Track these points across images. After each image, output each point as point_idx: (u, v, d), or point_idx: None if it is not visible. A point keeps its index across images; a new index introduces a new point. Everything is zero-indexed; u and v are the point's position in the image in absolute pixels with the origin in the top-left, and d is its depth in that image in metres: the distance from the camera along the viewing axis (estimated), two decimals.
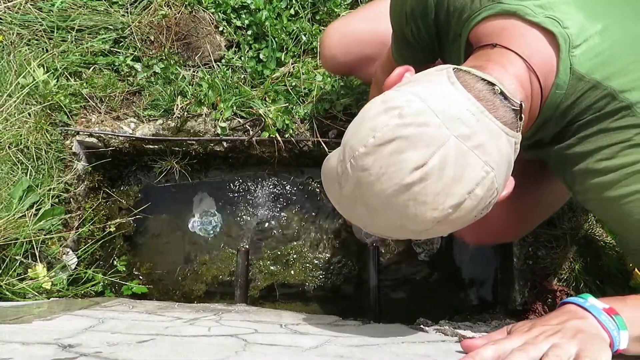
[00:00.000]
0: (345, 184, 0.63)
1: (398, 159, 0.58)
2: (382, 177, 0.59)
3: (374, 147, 0.59)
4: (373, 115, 0.61)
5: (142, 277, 1.54)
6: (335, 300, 1.52)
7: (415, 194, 0.59)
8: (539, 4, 0.66)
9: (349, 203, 0.65)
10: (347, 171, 0.62)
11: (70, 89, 1.42)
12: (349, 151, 0.62)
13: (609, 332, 0.60)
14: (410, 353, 0.65)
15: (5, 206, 1.21)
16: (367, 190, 0.61)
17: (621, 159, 0.65)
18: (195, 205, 1.59)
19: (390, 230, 0.64)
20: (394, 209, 0.60)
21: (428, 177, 0.58)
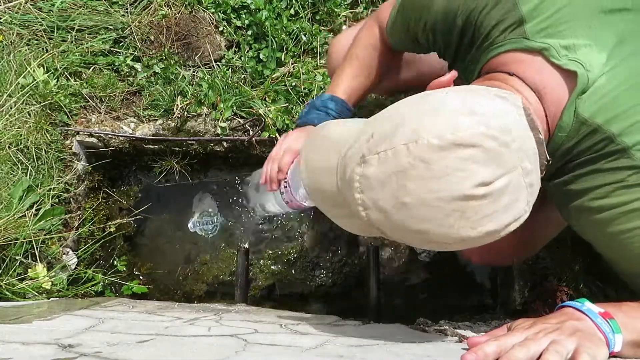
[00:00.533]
0: (381, 165, 0.58)
1: (469, 167, 0.55)
2: (444, 178, 0.55)
3: (451, 145, 0.55)
4: (453, 111, 0.57)
5: (143, 277, 1.54)
6: (335, 300, 1.52)
7: (466, 208, 0.56)
8: (564, 44, 0.65)
9: (368, 186, 0.59)
10: (394, 153, 0.57)
11: (70, 89, 1.42)
12: (408, 134, 0.56)
13: (605, 335, 0.62)
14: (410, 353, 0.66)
15: (5, 206, 1.21)
16: (414, 183, 0.56)
17: (614, 198, 0.66)
18: (195, 205, 1.59)
19: (406, 230, 0.59)
20: (432, 212, 0.57)
21: (488, 197, 0.56)
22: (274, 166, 1.02)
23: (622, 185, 0.65)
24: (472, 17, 0.71)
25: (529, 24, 0.66)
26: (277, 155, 1.01)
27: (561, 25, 0.65)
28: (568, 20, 0.65)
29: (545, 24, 0.66)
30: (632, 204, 0.65)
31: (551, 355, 0.58)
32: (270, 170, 1.02)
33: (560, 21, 0.65)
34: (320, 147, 0.70)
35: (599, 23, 0.66)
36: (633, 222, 0.66)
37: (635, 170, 0.64)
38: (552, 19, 0.66)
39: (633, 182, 0.64)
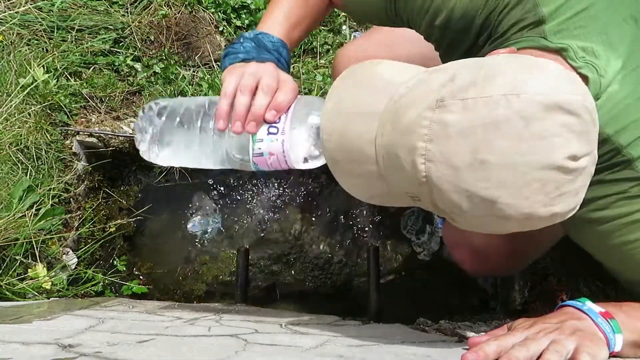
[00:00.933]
0: (467, 112, 0.51)
1: (566, 136, 0.51)
2: (538, 141, 0.50)
3: (555, 106, 0.50)
4: (556, 74, 0.53)
5: (142, 277, 1.54)
6: (335, 300, 1.52)
7: (549, 180, 0.51)
8: (582, 46, 0.63)
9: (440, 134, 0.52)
10: (489, 102, 0.51)
11: (70, 89, 1.42)
12: (507, 85, 0.51)
13: (605, 334, 0.62)
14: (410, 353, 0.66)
15: (5, 206, 1.21)
16: (504, 140, 0.50)
17: (616, 210, 0.65)
18: (195, 205, 1.59)
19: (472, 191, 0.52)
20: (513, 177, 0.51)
21: (572, 173, 0.52)
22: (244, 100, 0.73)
23: (624, 197, 0.64)
24: (492, 17, 0.69)
25: (548, 25, 0.65)
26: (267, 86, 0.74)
27: (577, 29, 0.64)
28: (585, 24, 0.64)
29: (564, 25, 0.64)
30: (634, 215, 0.65)
31: (551, 355, 0.58)
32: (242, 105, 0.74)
33: (577, 24, 0.64)
34: (365, 85, 0.62)
35: (615, 30, 0.65)
36: (635, 234, 0.66)
37: (638, 182, 0.64)
38: (570, 21, 0.64)
39: (635, 193, 0.64)
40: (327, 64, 1.49)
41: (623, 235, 0.66)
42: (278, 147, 0.73)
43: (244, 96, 0.74)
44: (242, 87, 0.74)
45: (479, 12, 0.69)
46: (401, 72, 0.61)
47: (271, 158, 0.74)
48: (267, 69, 0.76)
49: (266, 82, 0.74)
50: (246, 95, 0.74)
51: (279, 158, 0.74)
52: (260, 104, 0.73)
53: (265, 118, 0.73)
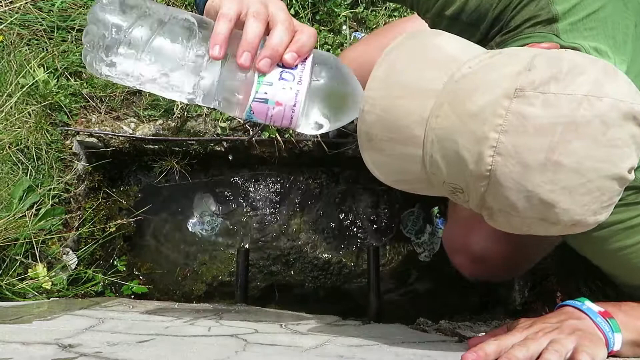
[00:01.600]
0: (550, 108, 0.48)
1: (631, 147, 0.50)
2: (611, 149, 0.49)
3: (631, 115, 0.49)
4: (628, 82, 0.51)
5: (142, 277, 1.54)
6: (335, 300, 1.52)
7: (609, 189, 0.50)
8: (594, 46, 0.63)
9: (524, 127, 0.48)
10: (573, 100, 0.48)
11: (70, 89, 1.42)
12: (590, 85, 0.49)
13: (604, 334, 0.63)
14: (410, 353, 0.66)
15: (6, 206, 1.21)
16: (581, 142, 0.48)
17: (613, 216, 0.63)
18: (195, 205, 1.59)
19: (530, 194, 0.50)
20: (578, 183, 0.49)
21: (625, 185, 0.52)
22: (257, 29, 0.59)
23: (621, 204, 0.64)
24: (506, 12, 0.68)
25: (561, 23, 0.64)
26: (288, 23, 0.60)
27: (587, 31, 0.64)
28: (595, 26, 0.64)
29: (575, 25, 0.64)
30: (630, 221, 0.65)
31: (551, 355, 0.58)
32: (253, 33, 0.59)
33: (587, 26, 0.64)
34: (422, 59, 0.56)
35: (620, 34, 0.65)
36: (632, 239, 0.66)
37: (635, 190, 0.64)
38: (582, 22, 0.64)
39: (632, 200, 0.65)
40: None
41: (620, 241, 0.67)
42: (289, 98, 0.60)
43: (258, 23, 0.59)
44: (255, 14, 0.59)
45: (493, 6, 0.68)
46: (463, 49, 0.57)
47: (276, 109, 0.61)
48: (280, 5, 0.62)
49: (285, 17, 0.60)
50: (261, 23, 0.59)
51: (286, 111, 0.61)
52: (280, 40, 0.59)
53: (284, 59, 0.60)
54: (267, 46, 0.59)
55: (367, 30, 1.55)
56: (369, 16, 1.55)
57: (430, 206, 1.55)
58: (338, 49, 1.52)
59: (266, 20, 0.60)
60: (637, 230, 0.66)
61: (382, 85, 0.56)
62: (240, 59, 0.58)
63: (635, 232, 0.66)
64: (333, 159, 1.43)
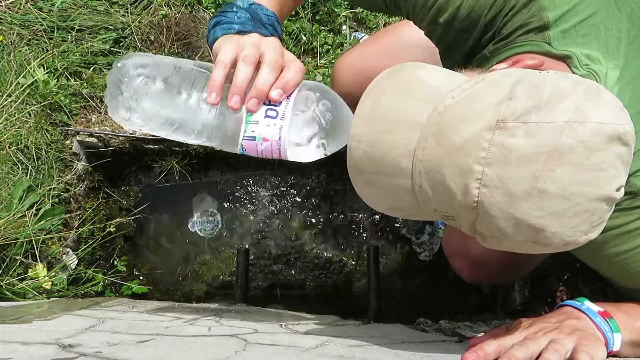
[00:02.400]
0: (532, 137, 0.48)
1: (619, 168, 0.50)
2: (596, 172, 0.49)
3: (616, 137, 0.49)
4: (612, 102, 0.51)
5: (143, 277, 1.54)
6: (335, 300, 1.52)
7: (598, 210, 0.51)
8: (586, 53, 0.63)
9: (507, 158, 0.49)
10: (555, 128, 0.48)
11: (70, 89, 1.42)
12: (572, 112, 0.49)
13: (604, 334, 0.63)
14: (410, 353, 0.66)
15: (6, 206, 1.21)
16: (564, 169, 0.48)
17: (609, 221, 0.64)
18: (195, 205, 1.59)
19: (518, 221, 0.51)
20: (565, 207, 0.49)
21: (614, 203, 0.52)
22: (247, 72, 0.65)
23: (617, 209, 0.63)
24: (498, 18, 0.68)
25: (552, 31, 0.64)
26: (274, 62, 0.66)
27: (580, 37, 0.64)
28: (588, 33, 0.64)
29: (567, 33, 0.64)
30: (625, 226, 0.65)
31: (550, 354, 0.58)
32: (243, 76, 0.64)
33: (580, 32, 0.64)
34: (405, 92, 0.56)
35: (612, 39, 0.65)
36: (627, 244, 0.66)
37: (630, 196, 0.64)
38: (574, 29, 0.64)
39: (627, 205, 0.64)
40: (327, 64, 1.49)
41: (616, 246, 0.66)
42: (274, 134, 0.65)
43: (247, 67, 0.64)
44: (245, 58, 0.64)
45: (485, 13, 0.68)
46: (446, 79, 0.57)
47: (263, 144, 0.66)
48: (272, 43, 0.68)
49: (272, 56, 0.66)
50: (249, 66, 0.65)
51: (273, 146, 0.66)
52: (265, 80, 0.64)
53: (269, 96, 0.65)
54: (253, 87, 0.64)
55: (367, 30, 1.55)
56: (369, 16, 1.55)
57: None
58: (338, 49, 1.52)
59: (256, 62, 0.65)
60: (633, 235, 0.65)
61: (367, 121, 0.57)
62: (230, 102, 0.64)
63: (631, 237, 0.66)
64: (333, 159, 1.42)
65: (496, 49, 0.69)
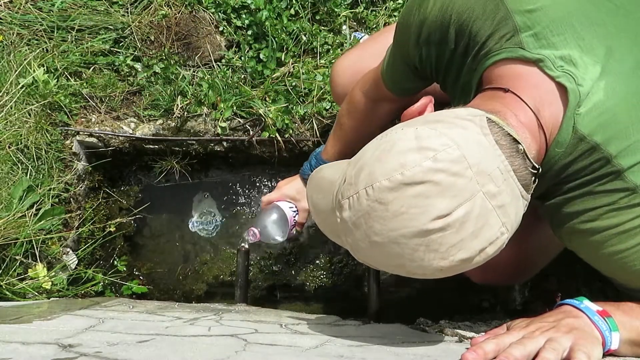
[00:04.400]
0: (350, 209, 0.61)
1: (423, 203, 0.56)
2: (400, 217, 0.57)
3: (400, 185, 0.56)
4: (403, 149, 0.58)
5: (143, 277, 1.54)
6: (335, 300, 1.52)
7: (429, 241, 0.57)
8: (559, 55, 0.64)
9: (347, 228, 0.62)
10: (358, 197, 0.59)
11: (70, 89, 1.42)
12: (366, 178, 0.59)
13: (602, 332, 0.63)
14: (410, 353, 0.66)
15: (6, 206, 1.21)
16: (378, 223, 0.58)
17: (605, 221, 0.65)
18: (195, 205, 1.59)
19: (386, 265, 0.62)
20: (400, 248, 0.58)
21: (448, 228, 0.56)
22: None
23: (613, 208, 0.64)
24: (465, 27, 0.69)
25: (523, 34, 0.65)
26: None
27: (555, 37, 0.64)
28: (562, 32, 0.64)
29: (540, 34, 0.64)
30: (623, 225, 0.65)
31: (548, 353, 0.59)
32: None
33: (554, 32, 0.64)
34: (318, 190, 0.71)
35: (590, 35, 0.65)
36: (625, 243, 0.66)
37: (627, 192, 0.63)
38: (546, 29, 0.64)
39: (624, 204, 0.64)
40: (327, 64, 1.49)
41: (613, 245, 0.66)
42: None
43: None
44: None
45: (451, 22, 0.71)
46: (334, 173, 0.69)
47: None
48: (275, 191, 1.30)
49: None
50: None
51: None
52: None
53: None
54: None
55: (367, 30, 1.55)
56: (369, 16, 1.55)
57: None
58: (338, 49, 1.52)
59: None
60: (631, 234, 0.65)
61: (313, 211, 0.75)
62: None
63: (629, 236, 0.65)
64: None
65: (478, 60, 0.70)
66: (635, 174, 0.63)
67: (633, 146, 0.63)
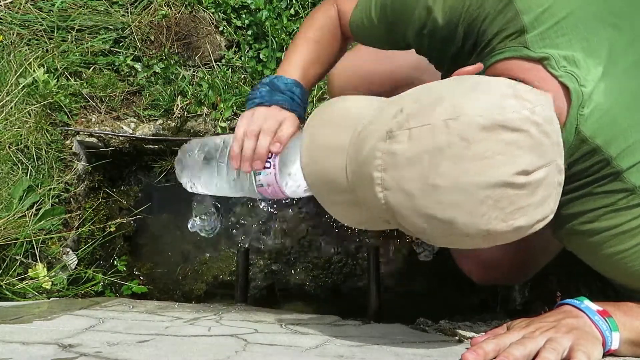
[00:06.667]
0: (411, 141, 0.54)
1: (512, 153, 0.52)
2: (482, 161, 0.52)
3: (495, 126, 0.52)
4: (500, 92, 0.54)
5: (143, 277, 1.54)
6: (335, 300, 1.52)
7: (501, 196, 0.52)
8: (563, 54, 0.64)
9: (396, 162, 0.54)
10: (431, 129, 0.53)
11: (70, 89, 1.42)
12: (448, 110, 0.53)
13: (602, 332, 0.63)
14: (410, 353, 0.66)
15: (6, 206, 1.21)
16: (449, 162, 0.52)
17: (604, 222, 0.65)
18: (195, 205, 1.59)
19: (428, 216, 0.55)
20: (464, 197, 0.52)
21: (525, 187, 0.53)
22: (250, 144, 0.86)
23: (612, 209, 0.64)
24: (474, 26, 0.69)
25: (529, 34, 0.65)
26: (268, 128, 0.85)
27: (559, 38, 0.64)
28: (566, 32, 0.64)
29: (545, 34, 0.65)
30: (622, 226, 0.65)
31: (548, 353, 0.59)
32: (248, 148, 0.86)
33: (559, 33, 0.64)
34: (333, 122, 0.65)
35: (594, 36, 0.65)
36: (624, 244, 0.66)
37: (626, 193, 0.63)
38: (552, 30, 0.65)
39: (623, 205, 0.64)
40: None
41: (613, 246, 0.66)
42: (272, 179, 0.86)
43: (250, 141, 0.86)
44: (249, 133, 0.86)
45: (460, 21, 0.70)
46: (364, 107, 0.64)
47: (269, 188, 0.87)
48: (270, 113, 0.87)
49: (268, 125, 0.86)
50: (251, 140, 0.86)
51: (275, 189, 0.87)
52: (262, 145, 0.85)
53: (271, 149, 0.85)
54: (255, 151, 0.85)
55: None
56: None
57: None
58: None
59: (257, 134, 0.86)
60: (630, 235, 0.65)
61: (308, 152, 0.67)
62: (243, 168, 0.87)
63: (628, 237, 0.65)
64: None
65: (481, 58, 0.70)
66: (634, 175, 0.63)
67: (632, 147, 0.63)
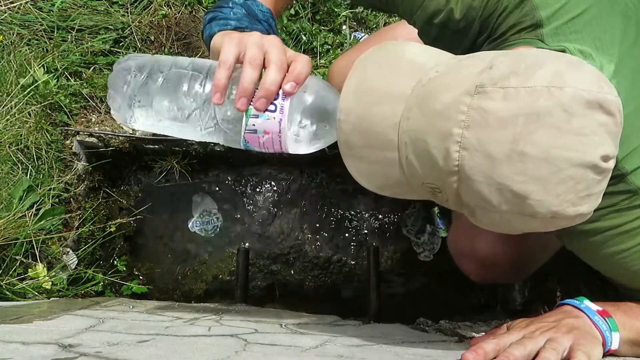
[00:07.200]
0: (508, 101, 0.49)
1: (604, 136, 0.50)
2: (578, 137, 0.49)
3: (596, 104, 0.49)
4: (594, 72, 0.52)
5: (142, 277, 1.54)
6: (335, 300, 1.52)
7: (583, 178, 0.50)
8: (579, 48, 0.63)
9: (485, 120, 0.50)
10: (532, 92, 0.49)
11: (70, 89, 1.42)
12: (553, 77, 0.50)
13: (602, 332, 0.63)
14: (410, 353, 0.66)
15: (6, 206, 1.21)
16: (544, 132, 0.49)
17: (606, 222, 0.65)
18: (195, 205, 1.59)
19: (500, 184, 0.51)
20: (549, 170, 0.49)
21: (602, 174, 0.52)
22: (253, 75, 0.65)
23: (614, 209, 0.65)
24: (492, 19, 0.69)
25: (545, 28, 0.65)
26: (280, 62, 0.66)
27: (573, 34, 0.64)
28: (580, 29, 0.65)
29: (560, 29, 0.65)
30: (623, 226, 0.65)
31: (548, 353, 0.59)
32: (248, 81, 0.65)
33: (572, 29, 0.65)
34: (391, 67, 0.59)
35: (606, 34, 0.65)
36: (625, 243, 0.66)
37: (629, 194, 0.64)
38: (566, 25, 0.65)
39: (625, 205, 0.65)
40: (327, 64, 1.49)
41: (614, 246, 0.67)
42: (274, 126, 0.66)
43: (254, 71, 0.65)
44: (251, 60, 0.65)
45: (479, 15, 0.69)
46: (430, 55, 0.59)
47: (265, 137, 0.67)
48: (274, 42, 0.68)
49: (278, 56, 0.66)
50: (256, 69, 0.65)
51: (274, 138, 0.67)
52: (274, 80, 0.65)
53: (284, 89, 0.65)
54: (262, 87, 0.65)
55: (367, 30, 1.55)
56: (369, 16, 1.55)
57: (430, 206, 1.55)
58: (338, 49, 1.52)
59: (261, 64, 0.66)
60: (632, 235, 0.66)
61: (354, 94, 0.59)
62: (237, 104, 0.65)
63: (629, 237, 0.66)
64: (333, 158, 1.43)
65: (491, 48, 0.69)
66: (638, 177, 0.63)
67: (637, 150, 0.63)
